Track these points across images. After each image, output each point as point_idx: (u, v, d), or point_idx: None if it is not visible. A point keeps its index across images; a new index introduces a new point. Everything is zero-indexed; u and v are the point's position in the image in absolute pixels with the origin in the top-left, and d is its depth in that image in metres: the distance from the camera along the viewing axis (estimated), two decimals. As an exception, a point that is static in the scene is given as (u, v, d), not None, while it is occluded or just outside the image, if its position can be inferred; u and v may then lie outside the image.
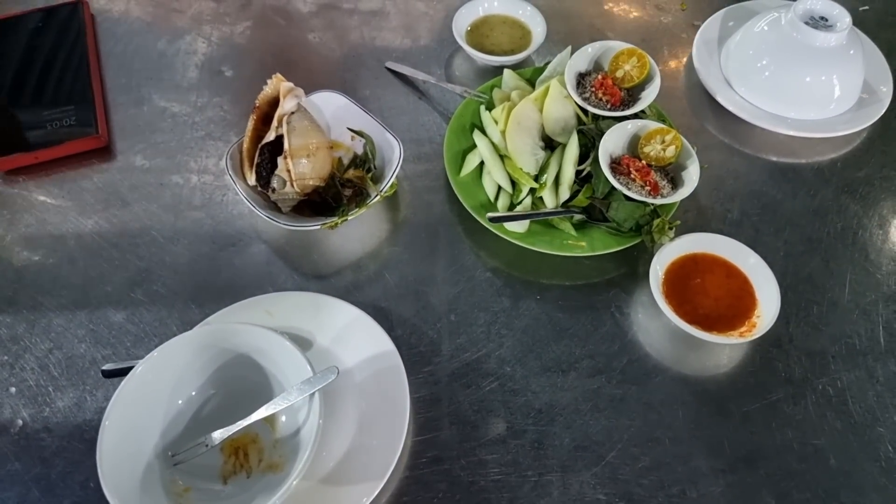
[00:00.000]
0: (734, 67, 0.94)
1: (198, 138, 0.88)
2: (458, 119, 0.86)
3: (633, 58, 0.86)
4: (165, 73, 0.94)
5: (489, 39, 0.95)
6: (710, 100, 0.93)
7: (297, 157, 0.76)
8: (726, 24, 0.99)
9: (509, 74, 0.89)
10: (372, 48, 0.97)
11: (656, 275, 0.74)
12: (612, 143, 0.80)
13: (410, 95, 0.92)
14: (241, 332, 0.61)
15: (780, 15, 0.90)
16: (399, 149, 0.79)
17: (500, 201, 0.80)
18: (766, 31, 0.92)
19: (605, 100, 0.84)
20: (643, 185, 0.77)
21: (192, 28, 0.99)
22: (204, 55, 0.96)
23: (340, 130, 0.85)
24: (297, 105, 0.78)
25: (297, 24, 1.00)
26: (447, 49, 0.97)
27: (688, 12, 1.03)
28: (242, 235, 0.80)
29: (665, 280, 0.74)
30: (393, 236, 0.80)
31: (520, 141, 0.81)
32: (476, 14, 0.96)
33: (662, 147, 0.80)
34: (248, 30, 0.99)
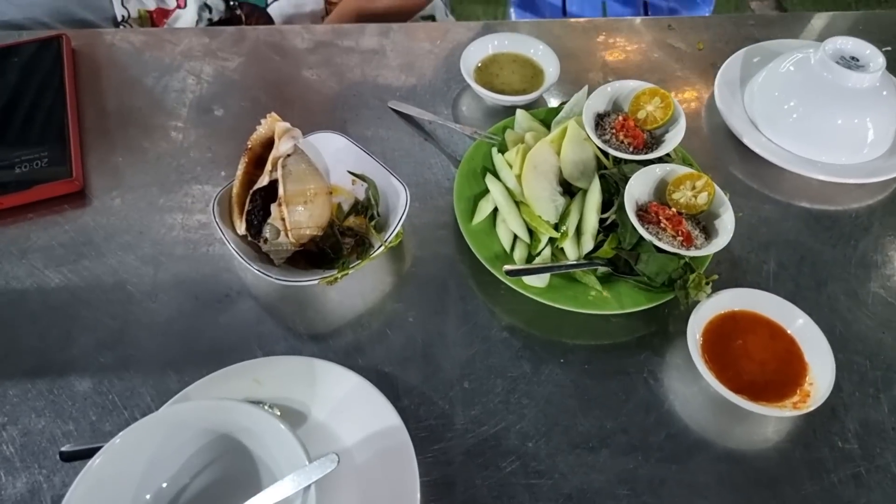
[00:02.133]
0: (760, 109, 0.88)
1: (183, 182, 0.80)
2: (469, 162, 0.79)
3: (655, 98, 0.80)
4: (149, 112, 0.87)
5: (499, 78, 0.89)
6: (735, 142, 0.87)
7: (293, 204, 0.68)
8: (748, 63, 0.94)
9: (522, 115, 0.82)
10: (374, 87, 0.91)
11: (694, 336, 0.66)
12: (637, 189, 0.73)
13: (416, 137, 0.86)
14: (222, 409, 0.52)
15: (809, 54, 0.85)
16: (405, 194, 0.72)
17: (516, 252, 0.73)
18: (792, 72, 0.87)
19: (626, 142, 0.78)
20: (675, 235, 0.70)
21: (180, 64, 0.92)
22: (192, 93, 0.89)
23: (340, 174, 0.78)
24: (294, 147, 0.71)
25: (293, 61, 0.94)
26: (454, 88, 0.91)
27: (705, 52, 0.98)
28: (230, 291, 0.71)
29: (703, 342, 0.67)
30: (398, 291, 0.72)
31: (537, 186, 0.74)
32: (485, 52, 0.90)
33: (693, 194, 0.73)
34: (242, 66, 0.92)
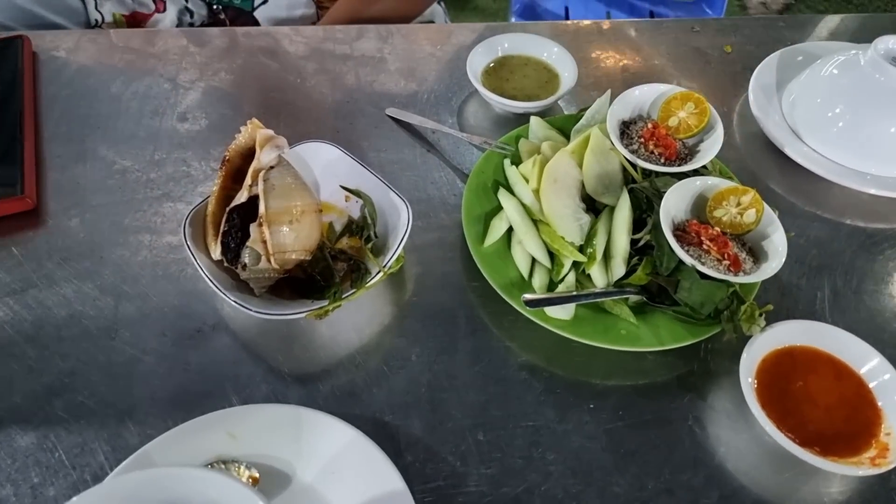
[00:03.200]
0: (802, 116, 0.79)
1: (152, 199, 0.70)
2: (479, 175, 0.69)
3: (688, 103, 0.71)
4: (118, 122, 0.77)
5: (510, 83, 0.80)
6: (774, 153, 0.78)
7: (276, 224, 0.58)
8: (784, 66, 0.85)
9: (537, 122, 0.73)
10: (370, 93, 0.82)
11: (747, 376, 0.56)
12: (674, 206, 0.64)
13: (418, 148, 0.76)
14: (184, 478, 0.42)
15: (856, 55, 0.77)
16: (407, 212, 0.62)
17: (535, 279, 0.63)
18: (837, 75, 0.78)
19: (657, 153, 0.69)
20: (720, 258, 0.60)
21: (154, 68, 0.83)
22: (167, 100, 0.80)
23: (332, 189, 0.68)
24: (278, 158, 0.61)
25: (281, 65, 0.85)
26: (460, 94, 0.82)
27: (733, 55, 0.90)
28: (202, 325, 0.61)
29: (758, 383, 0.57)
30: (399, 324, 0.62)
31: (558, 202, 0.64)
32: (494, 54, 0.81)
33: (739, 210, 0.63)
34: (223, 70, 0.83)
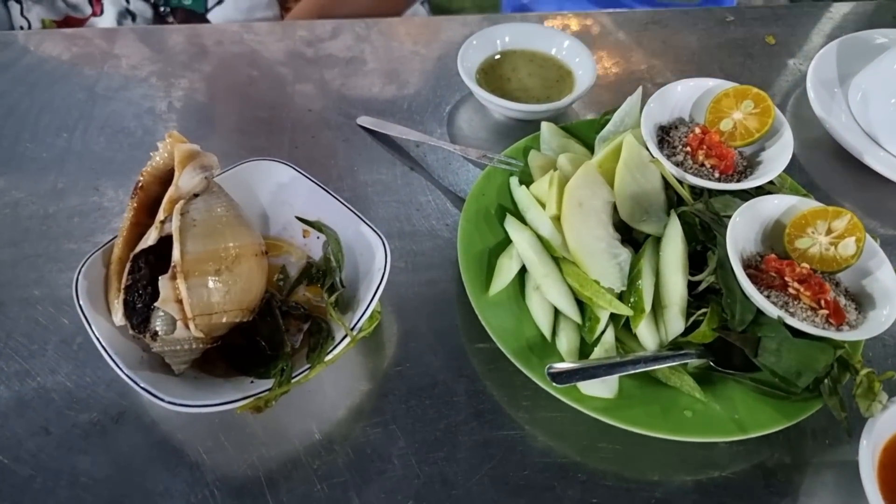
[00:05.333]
0: (878, 116, 0.64)
1: (48, 239, 0.53)
2: (478, 199, 0.53)
3: (745, 101, 0.55)
4: (17, 141, 0.60)
5: (511, 83, 0.64)
6: (847, 161, 0.63)
7: (197, 276, 0.41)
8: (844, 59, 0.70)
9: (550, 129, 0.57)
10: (338, 98, 0.65)
11: (870, 473, 0.39)
12: (741, 235, 0.48)
13: (398, 165, 0.60)
14: None
15: (946, 38, 0.62)
16: (384, 250, 0.46)
17: (561, 340, 0.46)
18: (917, 64, 0.63)
19: (709, 165, 0.53)
20: (814, 306, 0.44)
21: (68, 73, 0.66)
22: (80, 111, 0.63)
23: (286, 221, 0.52)
24: (204, 182, 0.45)
25: (225, 67, 0.68)
26: (449, 98, 0.66)
27: (778, 47, 0.74)
28: (101, 417, 0.44)
29: (882, 481, 0.40)
30: (376, 406, 0.45)
31: (587, 233, 0.48)
32: (492, 48, 0.66)
33: (831, 240, 0.47)
34: (154, 76, 0.67)
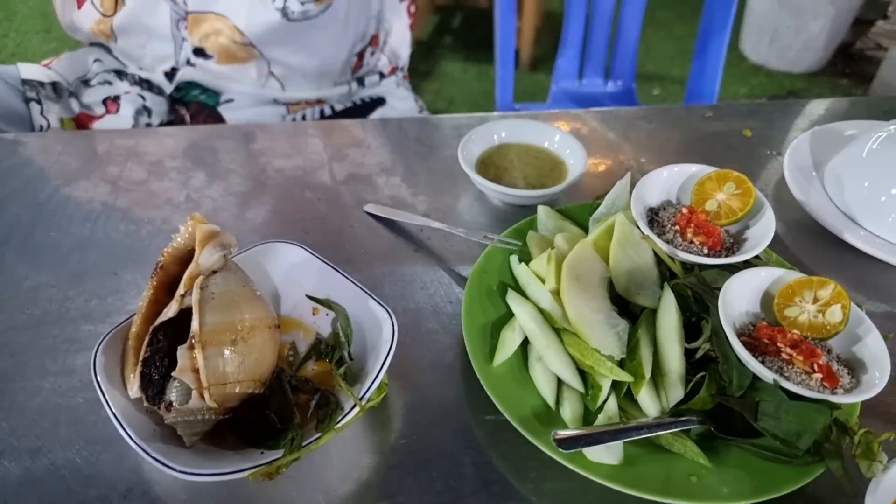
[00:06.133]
0: (853, 199, 0.68)
1: (66, 321, 0.55)
2: (480, 277, 0.55)
3: (727, 183, 0.59)
4: (40, 230, 0.64)
5: (508, 173, 0.68)
6: (828, 240, 0.66)
7: (214, 346, 0.43)
8: (817, 148, 0.75)
9: (546, 212, 0.61)
10: (346, 187, 0.70)
11: (878, 540, 0.39)
12: (733, 305, 0.50)
13: (403, 248, 0.63)
14: None
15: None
16: (391, 323, 0.48)
17: (565, 408, 0.47)
18: (883, 152, 0.68)
19: (697, 242, 0.56)
20: (808, 370, 0.46)
21: (92, 171, 0.71)
22: (103, 203, 0.67)
23: (296, 300, 0.54)
24: (223, 260, 0.47)
25: (239, 161, 0.73)
26: (451, 186, 0.70)
27: (755, 139, 0.80)
28: (110, 493, 0.44)
29: (891, 548, 0.40)
30: (383, 478, 0.46)
31: (585, 305, 0.50)
32: (489, 142, 0.71)
33: (819, 308, 0.49)
34: (174, 170, 0.71)
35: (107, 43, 0.96)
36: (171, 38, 0.89)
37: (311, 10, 0.85)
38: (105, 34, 0.92)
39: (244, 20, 0.85)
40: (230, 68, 0.90)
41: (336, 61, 0.95)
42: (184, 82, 0.91)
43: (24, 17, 2.95)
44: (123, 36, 0.92)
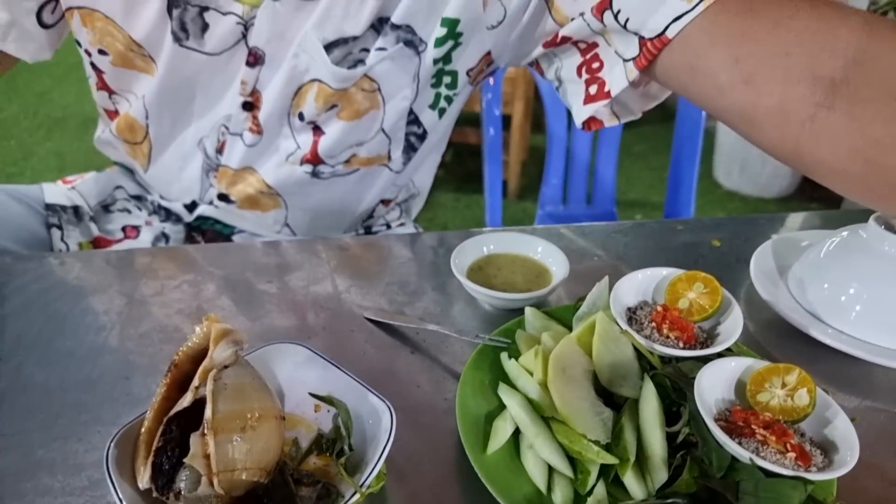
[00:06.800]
0: (815, 300, 0.73)
1: (77, 424, 0.58)
2: (473, 372, 0.59)
3: (696, 283, 0.65)
4: (56, 340, 0.68)
5: (497, 279, 0.74)
6: (797, 337, 0.71)
7: (225, 432, 0.46)
8: (779, 254, 0.82)
9: (533, 313, 0.66)
10: (346, 296, 0.75)
11: None
12: (708, 392, 0.54)
13: (400, 350, 0.67)
14: None
15: (856, 231, 0.74)
16: (389, 415, 0.51)
17: (557, 494, 0.50)
18: (839, 255, 0.74)
19: (673, 337, 0.60)
20: (782, 450, 0.48)
21: (109, 285, 0.76)
22: (119, 314, 0.71)
23: (299, 398, 0.57)
24: (235, 356, 0.51)
25: (248, 275, 0.78)
26: (444, 294, 0.76)
27: (724, 248, 0.87)
28: (112, 584, 0.45)
29: None
30: (382, 568, 0.47)
31: (572, 394, 0.54)
32: (479, 253, 0.77)
33: (787, 392, 0.53)
34: (186, 284, 0.76)
35: (134, 167, 0.99)
36: (199, 181, 0.93)
37: (339, 170, 0.88)
38: (139, 161, 0.96)
39: (273, 176, 0.88)
40: (250, 213, 0.94)
41: (352, 214, 0.97)
42: (202, 216, 0.95)
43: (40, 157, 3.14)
44: (153, 168, 0.95)
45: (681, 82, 0.63)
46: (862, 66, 0.51)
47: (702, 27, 0.58)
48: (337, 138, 0.83)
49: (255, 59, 0.79)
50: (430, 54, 0.77)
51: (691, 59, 0.59)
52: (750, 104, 0.57)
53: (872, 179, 0.53)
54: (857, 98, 0.51)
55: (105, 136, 0.98)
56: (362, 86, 0.79)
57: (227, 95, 0.84)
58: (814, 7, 0.54)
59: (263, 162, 0.88)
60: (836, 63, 0.51)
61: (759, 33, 0.55)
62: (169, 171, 0.95)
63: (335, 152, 0.85)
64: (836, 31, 0.52)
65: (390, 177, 0.93)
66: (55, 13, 0.86)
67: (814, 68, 0.52)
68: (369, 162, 0.89)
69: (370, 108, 0.81)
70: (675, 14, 0.58)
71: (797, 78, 0.53)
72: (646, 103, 0.74)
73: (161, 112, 0.87)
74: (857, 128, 0.51)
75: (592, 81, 0.70)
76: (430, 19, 0.75)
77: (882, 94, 0.50)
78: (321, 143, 0.84)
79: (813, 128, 0.53)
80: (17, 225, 0.99)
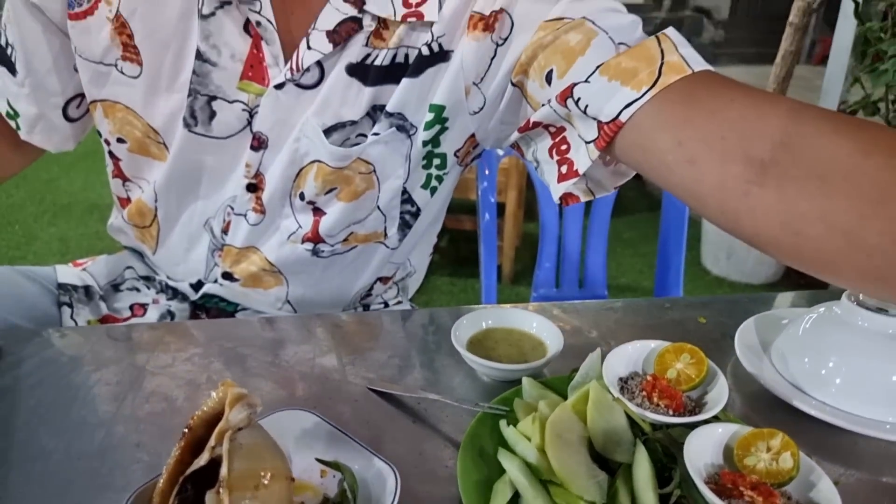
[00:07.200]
0: (797, 373, 0.77)
1: (89, 490, 0.60)
2: (473, 438, 0.62)
3: (683, 354, 0.69)
4: (70, 410, 0.70)
5: (495, 352, 0.78)
6: (782, 408, 0.74)
7: (239, 490, 0.48)
8: (762, 330, 0.86)
9: (530, 383, 0.69)
10: (350, 368, 0.78)
11: None
12: (697, 455, 0.56)
13: (403, 419, 0.69)
14: None
15: (830, 308, 0.79)
16: (394, 478, 0.53)
17: (556, 553, 0.51)
18: (816, 331, 0.79)
19: (663, 405, 0.64)
20: (769, 510, 0.51)
21: (122, 358, 0.79)
22: (131, 384, 0.74)
23: (307, 464, 0.59)
24: (249, 419, 0.54)
25: (255, 349, 0.82)
26: (444, 365, 0.79)
27: (709, 325, 0.91)
28: None
29: None
30: None
31: (569, 458, 0.56)
32: (478, 327, 0.81)
33: (772, 456, 0.56)
34: (196, 355, 0.79)
35: (143, 250, 1.04)
36: (205, 261, 0.97)
37: (338, 249, 0.93)
38: (148, 244, 1.01)
39: (275, 254, 0.92)
40: (253, 291, 0.97)
41: (351, 291, 1.01)
42: (207, 294, 0.98)
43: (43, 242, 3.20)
44: (161, 250, 1.00)
45: (636, 161, 0.70)
46: (788, 149, 0.57)
47: (649, 113, 0.65)
48: (337, 219, 0.89)
49: (259, 143, 0.85)
50: (420, 137, 0.84)
51: (642, 141, 0.67)
52: (694, 181, 0.63)
53: (804, 249, 0.58)
54: (785, 177, 0.57)
55: (117, 223, 1.03)
56: (359, 169, 0.85)
57: (233, 178, 0.89)
58: (746, 96, 0.62)
59: (266, 241, 0.93)
60: (765, 146, 0.58)
61: (698, 120, 0.63)
62: (176, 253, 0.99)
63: (335, 231, 0.91)
64: (766, 118, 0.59)
65: (386, 254, 0.98)
66: (80, 108, 0.94)
67: (746, 150, 0.59)
68: (366, 239, 0.94)
69: (367, 189, 0.87)
70: (627, 101, 0.66)
71: (732, 159, 0.60)
72: (617, 180, 0.80)
73: (169, 195, 0.92)
74: (786, 203, 0.57)
75: (563, 162, 0.77)
76: (420, 107, 0.83)
77: (806, 173, 0.56)
78: (322, 222, 0.89)
79: (748, 203, 0.59)
80: (30, 304, 1.02)
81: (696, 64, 0.66)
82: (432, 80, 0.81)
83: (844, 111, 2.88)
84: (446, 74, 0.81)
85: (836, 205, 0.55)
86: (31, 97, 0.90)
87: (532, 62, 0.76)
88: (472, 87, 0.81)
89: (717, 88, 0.65)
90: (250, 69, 0.82)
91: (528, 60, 0.76)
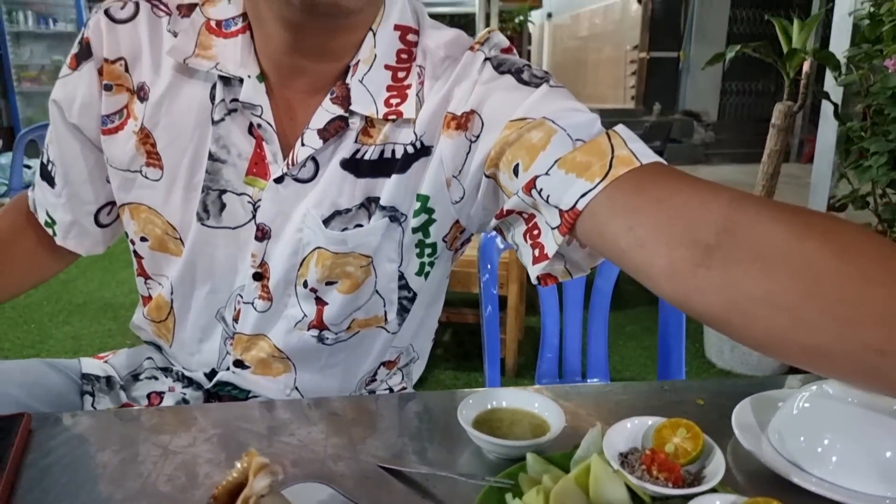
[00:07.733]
0: (795, 451, 0.80)
1: (115, 559, 0.62)
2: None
3: (679, 429, 0.73)
4: (98, 486, 0.73)
5: (500, 430, 0.81)
6: (782, 485, 0.76)
7: (263, 551, 0.51)
8: (758, 411, 0.89)
9: (534, 458, 0.72)
10: (361, 446, 0.81)
11: None
12: (696, 523, 0.59)
13: (412, 494, 0.72)
14: None
15: (822, 386, 0.83)
16: (407, 545, 0.56)
17: None
18: (810, 409, 0.82)
19: (663, 478, 0.67)
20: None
21: (147, 438, 0.83)
22: (154, 464, 0.77)
23: (322, 535, 0.62)
24: (271, 487, 0.58)
25: (269, 428, 0.85)
26: (451, 444, 0.82)
27: (707, 407, 0.95)
28: None
29: None
30: None
31: (572, 526, 0.59)
32: (484, 407, 0.85)
33: (766, 520, 0.59)
34: (215, 436, 0.83)
35: (160, 344, 1.09)
36: (218, 351, 1.02)
37: (342, 336, 0.98)
38: (164, 337, 1.07)
39: (283, 341, 0.98)
40: (263, 378, 1.01)
41: (356, 375, 1.05)
42: (220, 382, 1.02)
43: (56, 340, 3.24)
44: (176, 342, 1.05)
45: (595, 245, 0.76)
46: (731, 234, 0.63)
47: (602, 202, 0.73)
48: (339, 308, 0.95)
49: (263, 233, 0.93)
50: (410, 224, 0.93)
51: (598, 227, 0.73)
52: (646, 264, 0.69)
53: (753, 327, 0.63)
54: (730, 259, 0.63)
55: (137, 321, 1.10)
56: (360, 263, 0.93)
57: (241, 268, 0.96)
58: (691, 187, 0.70)
59: (273, 327, 0.98)
60: (709, 231, 0.64)
61: (647, 208, 0.70)
62: (190, 344, 1.04)
63: (338, 320, 0.97)
64: (708, 205, 0.66)
65: (388, 338, 1.04)
66: (111, 214, 1.03)
67: (692, 235, 0.65)
68: (367, 324, 1.00)
69: (366, 278, 0.95)
70: (582, 191, 0.73)
71: (679, 243, 0.66)
72: (592, 261, 0.87)
73: (184, 288, 0.99)
74: (732, 284, 0.62)
75: (535, 245, 0.83)
76: (409, 197, 0.91)
77: (749, 256, 0.62)
78: (325, 311, 0.96)
79: (697, 283, 0.65)
80: (56, 393, 1.06)
81: (645, 157, 0.74)
82: (418, 173, 0.91)
83: (834, 206, 2.99)
84: (429, 168, 0.90)
85: (778, 285, 0.60)
86: (67, 206, 0.99)
87: (501, 157, 0.85)
88: (452, 180, 0.90)
89: (664, 180, 0.72)
90: (255, 166, 0.92)
91: (497, 155, 0.85)
